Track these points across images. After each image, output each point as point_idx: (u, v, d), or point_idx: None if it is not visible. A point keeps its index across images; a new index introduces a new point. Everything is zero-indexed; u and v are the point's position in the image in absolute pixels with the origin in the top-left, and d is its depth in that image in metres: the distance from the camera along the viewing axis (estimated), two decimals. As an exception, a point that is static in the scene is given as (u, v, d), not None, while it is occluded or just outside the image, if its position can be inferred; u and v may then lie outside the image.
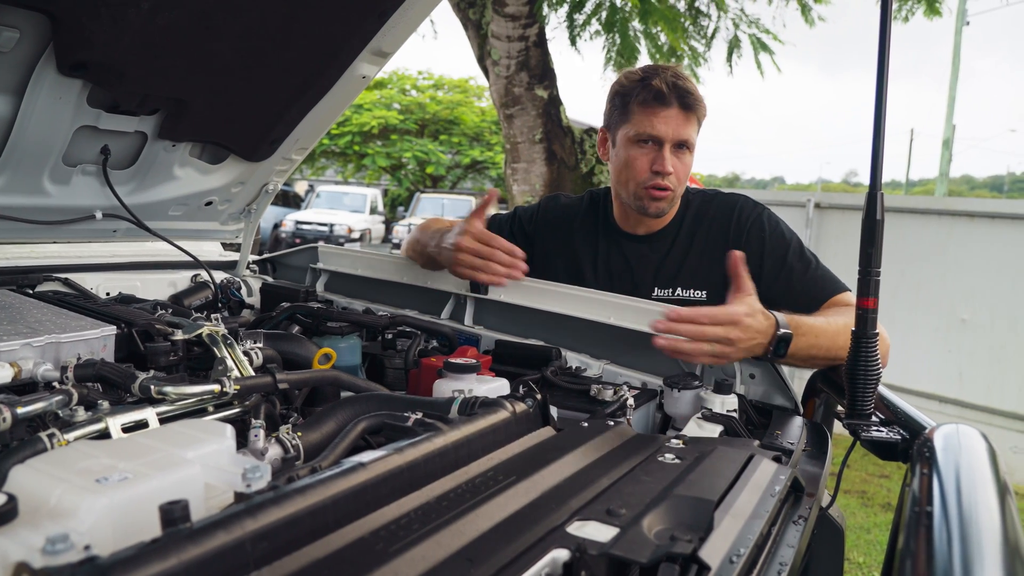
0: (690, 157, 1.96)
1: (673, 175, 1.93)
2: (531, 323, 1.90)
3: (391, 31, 1.83)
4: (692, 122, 1.93)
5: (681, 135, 1.91)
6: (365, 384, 1.39)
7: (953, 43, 20.09)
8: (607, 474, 1.07)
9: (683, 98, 1.90)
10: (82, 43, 1.46)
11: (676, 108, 1.90)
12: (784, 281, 1.87)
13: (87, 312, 1.38)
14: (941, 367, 5.92)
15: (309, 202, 21.40)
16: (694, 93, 1.92)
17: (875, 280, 1.23)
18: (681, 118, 1.91)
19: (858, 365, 1.23)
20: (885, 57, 1.14)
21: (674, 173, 1.93)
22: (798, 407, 1.58)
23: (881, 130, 1.16)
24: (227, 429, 0.92)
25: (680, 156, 1.94)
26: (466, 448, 1.04)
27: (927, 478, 0.87)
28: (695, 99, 1.92)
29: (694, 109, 1.92)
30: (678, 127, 1.91)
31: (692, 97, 1.91)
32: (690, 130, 1.93)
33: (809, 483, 1.25)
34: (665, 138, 1.91)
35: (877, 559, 4.23)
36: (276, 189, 2.22)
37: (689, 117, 1.92)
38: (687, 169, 1.96)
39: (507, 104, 6.69)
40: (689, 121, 1.92)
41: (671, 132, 1.91)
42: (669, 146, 1.92)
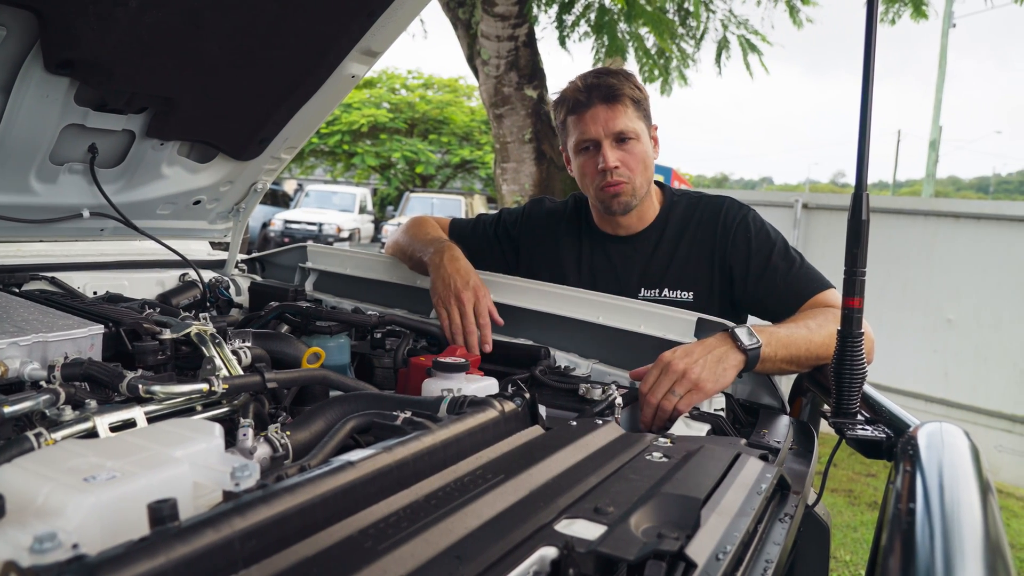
0: (639, 144, 1.92)
1: (622, 167, 1.92)
2: (520, 323, 1.90)
3: (380, 30, 1.83)
4: (621, 111, 1.89)
5: (613, 128, 1.90)
6: (354, 383, 1.39)
7: (940, 45, 20.23)
8: (595, 472, 1.08)
9: (602, 92, 1.89)
10: (69, 41, 1.46)
11: (598, 105, 1.89)
12: (769, 280, 1.88)
13: (74, 311, 1.37)
14: (927, 367, 5.97)
15: (298, 201, 21.32)
16: (613, 84, 1.89)
17: (860, 280, 1.24)
18: (607, 112, 1.89)
19: (844, 364, 1.24)
20: (871, 60, 1.15)
21: (623, 165, 1.92)
22: (785, 406, 1.60)
23: (867, 132, 1.17)
24: (216, 428, 0.92)
25: (625, 147, 1.92)
26: (455, 447, 1.04)
27: (911, 476, 0.88)
28: (615, 88, 1.89)
29: (618, 98, 1.89)
30: (607, 121, 1.89)
31: (611, 88, 1.89)
32: (622, 119, 1.89)
33: (795, 481, 1.26)
34: (598, 136, 1.91)
35: (864, 557, 4.25)
36: (265, 188, 2.21)
37: (615, 107, 1.89)
38: (638, 157, 1.93)
39: (496, 104, 6.70)
40: (616, 111, 1.89)
41: (601, 129, 1.90)
42: (607, 142, 1.91)
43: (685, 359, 1.45)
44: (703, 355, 1.46)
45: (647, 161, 1.96)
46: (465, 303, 1.74)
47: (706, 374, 1.45)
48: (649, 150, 1.97)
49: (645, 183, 1.97)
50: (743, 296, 1.94)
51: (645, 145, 1.95)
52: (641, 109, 1.93)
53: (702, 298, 1.96)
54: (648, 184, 1.99)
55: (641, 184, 1.96)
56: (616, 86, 1.89)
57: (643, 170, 1.95)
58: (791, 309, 1.79)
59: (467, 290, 1.76)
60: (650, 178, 1.99)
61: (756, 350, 1.50)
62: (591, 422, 1.28)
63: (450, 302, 1.75)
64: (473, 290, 1.76)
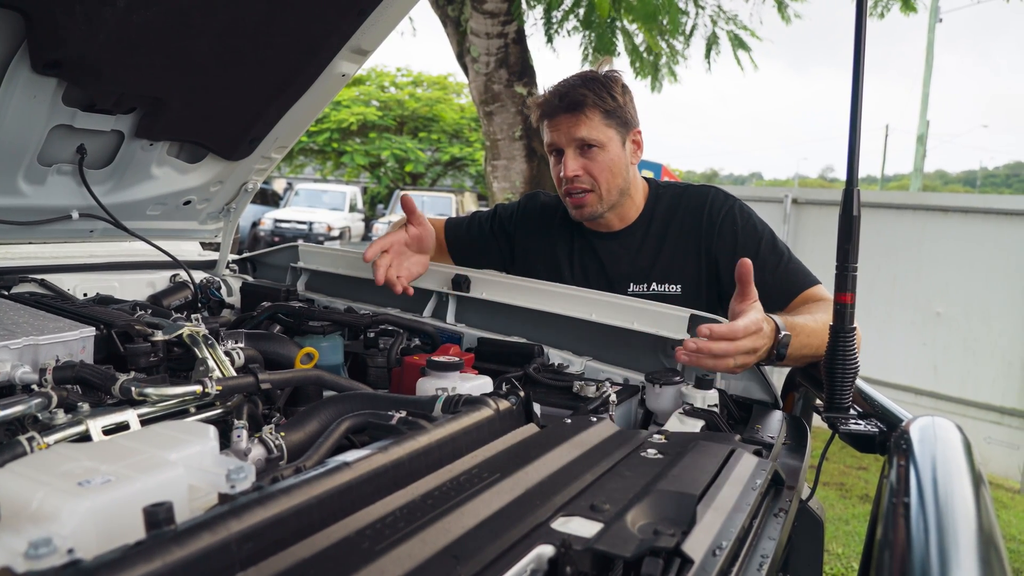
0: (604, 153, 1.91)
1: (584, 175, 1.92)
2: (513, 320, 1.90)
3: (370, 29, 1.82)
4: (584, 120, 1.88)
5: (575, 136, 1.89)
6: (348, 383, 1.38)
7: (926, 40, 20.32)
8: (590, 470, 1.08)
9: (565, 100, 1.89)
10: (56, 41, 1.45)
11: (562, 114, 1.90)
12: (757, 275, 1.86)
13: (65, 313, 1.36)
14: (917, 360, 6.00)
15: (288, 200, 21.23)
16: (579, 93, 1.88)
17: (852, 275, 1.25)
18: (570, 120, 1.89)
19: (836, 359, 1.24)
20: (861, 56, 1.16)
21: (586, 172, 1.92)
22: (777, 401, 1.60)
23: (857, 128, 1.18)
24: (210, 430, 0.92)
25: (588, 155, 1.91)
26: (450, 446, 1.04)
27: (904, 469, 0.89)
28: (578, 98, 1.87)
29: (581, 107, 1.88)
30: (569, 129, 1.89)
31: (576, 97, 1.88)
32: (584, 128, 1.88)
33: (789, 476, 1.27)
34: (561, 144, 1.92)
35: (856, 550, 4.28)
36: (255, 188, 2.20)
37: (577, 116, 1.88)
38: (602, 165, 1.91)
39: (487, 101, 6.68)
40: (579, 120, 1.88)
41: (563, 137, 1.91)
42: (570, 150, 1.91)
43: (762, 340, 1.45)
44: (765, 346, 1.47)
45: (614, 168, 1.94)
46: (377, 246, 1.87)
47: (752, 361, 1.46)
48: (620, 156, 1.94)
49: (614, 189, 1.96)
50: (730, 289, 1.92)
51: (612, 153, 1.93)
52: (613, 117, 1.91)
53: (689, 291, 1.96)
54: (619, 189, 1.97)
55: (609, 191, 1.95)
56: (582, 96, 1.87)
57: (609, 177, 1.94)
58: (781, 305, 1.79)
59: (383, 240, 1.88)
60: (621, 184, 1.97)
61: (776, 360, 1.52)
62: (586, 419, 1.28)
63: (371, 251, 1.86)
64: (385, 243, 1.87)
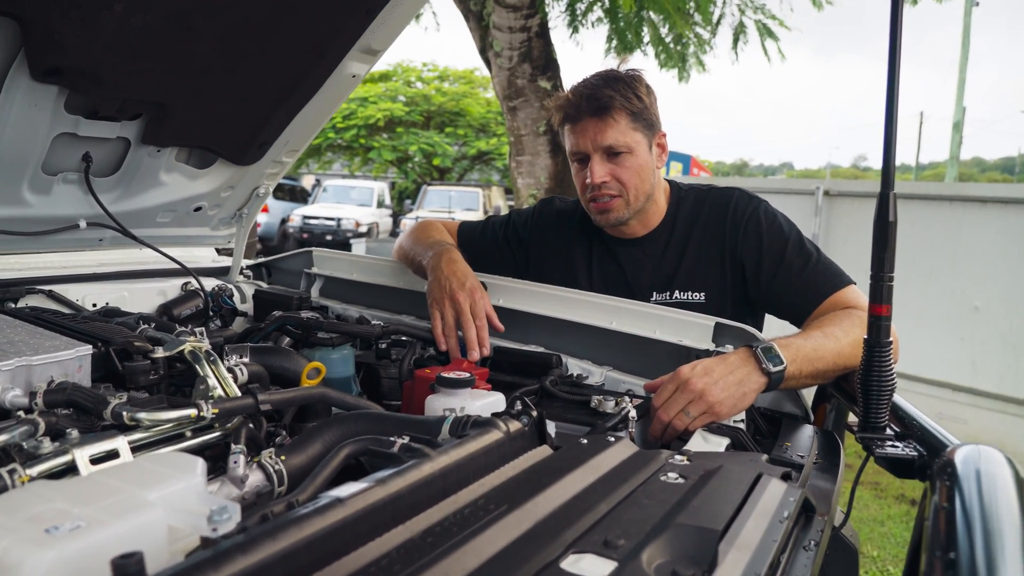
0: (633, 157, 1.83)
1: (611, 182, 1.84)
2: (531, 328, 1.84)
3: (380, 28, 1.76)
4: (612, 124, 1.80)
5: (602, 142, 1.81)
6: (355, 401, 1.33)
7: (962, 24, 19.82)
8: (605, 498, 1.01)
9: (593, 105, 1.81)
10: (54, 48, 1.41)
11: (588, 118, 1.82)
12: (784, 278, 1.78)
13: (64, 330, 1.32)
14: (954, 355, 5.83)
15: (316, 196, 21.34)
16: (605, 95, 1.79)
17: (888, 286, 1.16)
18: (597, 125, 1.81)
19: (871, 376, 1.16)
20: (896, 51, 1.07)
21: (613, 179, 1.84)
22: (808, 414, 1.52)
23: (893, 129, 1.09)
24: (197, 464, 0.86)
25: (615, 160, 1.83)
26: (455, 474, 0.98)
27: (948, 509, 0.80)
28: (605, 102, 1.79)
29: (608, 111, 1.80)
30: (596, 135, 1.81)
31: (602, 101, 1.79)
32: (612, 133, 1.80)
33: (820, 500, 1.19)
34: (587, 150, 1.84)
35: (892, 552, 4.17)
36: (267, 193, 2.16)
37: (605, 120, 1.80)
38: (631, 170, 1.84)
39: (510, 96, 6.61)
40: (607, 124, 1.80)
41: (589, 143, 1.83)
42: (596, 156, 1.83)
43: (704, 378, 1.37)
44: (723, 376, 1.38)
45: (643, 173, 1.86)
46: (461, 303, 1.67)
47: (724, 397, 1.36)
48: (647, 161, 1.87)
49: (641, 195, 1.88)
50: (757, 295, 1.84)
51: (640, 157, 1.85)
52: (640, 119, 1.84)
53: (714, 299, 1.87)
54: (646, 195, 1.89)
55: (636, 197, 1.87)
56: (607, 98, 1.80)
57: (637, 183, 1.86)
58: (809, 308, 1.70)
59: (462, 291, 1.69)
60: (648, 189, 1.89)
61: (780, 372, 1.41)
62: (602, 439, 1.21)
63: (444, 303, 1.69)
64: (469, 291, 1.70)
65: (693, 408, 1.36)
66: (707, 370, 1.39)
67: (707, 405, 1.35)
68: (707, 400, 1.35)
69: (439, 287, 1.73)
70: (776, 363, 1.41)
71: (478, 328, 1.67)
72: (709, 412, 1.36)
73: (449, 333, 1.67)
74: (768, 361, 1.41)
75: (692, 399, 1.36)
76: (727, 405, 1.37)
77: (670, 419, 1.37)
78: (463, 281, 1.71)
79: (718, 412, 1.36)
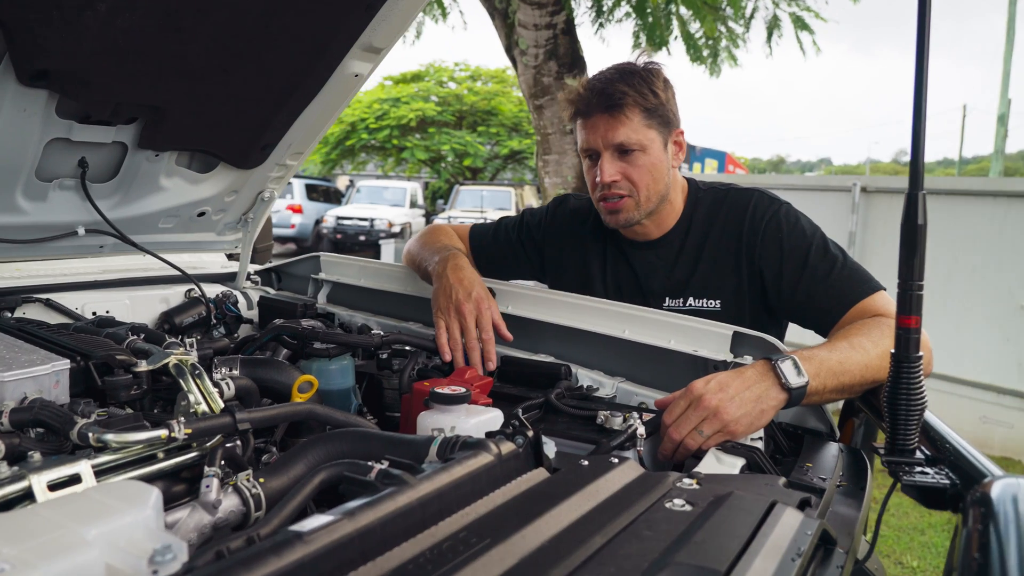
0: (645, 156, 1.74)
1: (622, 180, 1.75)
2: (541, 336, 1.75)
3: (382, 25, 1.70)
4: (623, 121, 1.72)
5: (612, 139, 1.73)
6: (345, 417, 1.26)
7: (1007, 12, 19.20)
8: (602, 529, 0.93)
9: (604, 100, 1.72)
10: (39, 50, 1.36)
11: (599, 114, 1.74)
12: (807, 285, 1.66)
13: (45, 343, 1.27)
14: (998, 356, 5.61)
15: (349, 197, 21.48)
16: (617, 91, 1.71)
17: (917, 295, 1.06)
18: (608, 122, 1.73)
19: (899, 395, 1.05)
20: (925, 42, 0.97)
21: (624, 177, 1.75)
22: (833, 431, 1.41)
23: (921, 128, 0.99)
24: (151, 496, 0.80)
25: (627, 159, 1.75)
26: (436, 504, 0.90)
27: (981, 552, 0.71)
28: (617, 98, 1.71)
29: (620, 108, 1.71)
30: (607, 132, 1.73)
31: (614, 97, 1.71)
32: (623, 131, 1.72)
33: (842, 529, 1.09)
34: (598, 147, 1.75)
35: (932, 563, 4.01)
36: (273, 197, 2.10)
37: (617, 117, 1.72)
38: (642, 170, 1.75)
39: (536, 94, 6.52)
40: (618, 121, 1.72)
41: (600, 140, 1.74)
42: (607, 153, 1.75)
43: (719, 395, 1.27)
44: (740, 391, 1.28)
45: (656, 172, 1.77)
46: (466, 315, 1.59)
47: (741, 414, 1.26)
48: (661, 159, 1.77)
49: (653, 196, 1.78)
50: (778, 303, 1.73)
51: (653, 156, 1.76)
52: (654, 116, 1.75)
53: (730, 307, 1.77)
54: (659, 195, 1.80)
55: (648, 197, 1.78)
56: (620, 95, 1.71)
57: (650, 182, 1.76)
58: (834, 317, 1.59)
59: (469, 301, 1.61)
60: (661, 189, 1.79)
61: (802, 388, 1.31)
62: (605, 461, 1.13)
63: (449, 313, 1.61)
64: (475, 301, 1.62)
65: (707, 427, 1.26)
66: (722, 385, 1.29)
67: (722, 423, 1.26)
68: (722, 418, 1.26)
69: (444, 296, 1.65)
70: (797, 378, 1.31)
71: (484, 342, 1.60)
72: (724, 431, 1.26)
73: (455, 346, 1.59)
74: (789, 376, 1.30)
75: (706, 417, 1.26)
76: (743, 423, 1.27)
77: (682, 438, 1.27)
78: (469, 291, 1.63)
79: (733, 431, 1.27)
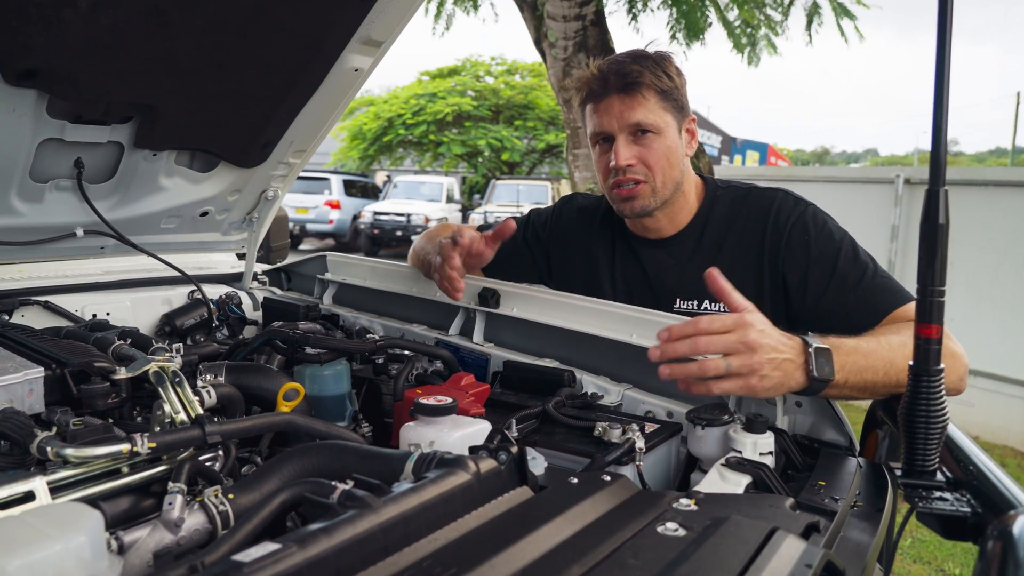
0: (661, 139, 1.67)
1: (637, 164, 1.67)
2: (547, 340, 1.68)
3: (380, 17, 1.64)
4: (641, 101, 1.65)
5: (628, 120, 1.65)
6: (326, 428, 1.20)
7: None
8: (581, 558, 0.85)
9: (619, 81, 1.65)
10: (22, 49, 1.33)
11: (615, 94, 1.66)
12: (835, 293, 1.56)
13: (22, 350, 1.24)
14: (1049, 355, 5.36)
15: (387, 193, 21.62)
16: (632, 71, 1.64)
17: (938, 301, 0.96)
18: (625, 102, 1.65)
19: (917, 411, 0.96)
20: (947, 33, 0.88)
21: (639, 162, 1.67)
22: (853, 445, 1.31)
23: (943, 118, 0.89)
24: (89, 520, 0.75)
25: (642, 142, 1.67)
26: (401, 529, 0.84)
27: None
28: (634, 77, 1.64)
29: (637, 87, 1.64)
30: (622, 113, 1.65)
31: (629, 76, 1.64)
32: (640, 111, 1.65)
33: (854, 556, 1.00)
34: (612, 130, 1.67)
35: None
36: (278, 196, 2.06)
37: (634, 97, 1.65)
38: (658, 154, 1.67)
39: (566, 87, 6.40)
40: (635, 101, 1.65)
41: (615, 121, 1.66)
42: (622, 136, 1.66)
43: (763, 338, 1.16)
44: (778, 351, 1.17)
45: (672, 157, 1.69)
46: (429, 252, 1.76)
47: (770, 371, 1.16)
48: (676, 144, 1.70)
49: (669, 182, 1.70)
50: (802, 311, 1.63)
51: (669, 140, 1.68)
52: (669, 99, 1.67)
53: None
54: (675, 183, 1.71)
55: (663, 183, 1.69)
56: (636, 73, 1.64)
57: (666, 167, 1.68)
58: (863, 329, 1.47)
59: (430, 243, 1.77)
60: (677, 176, 1.71)
61: (825, 383, 1.21)
62: (596, 478, 1.05)
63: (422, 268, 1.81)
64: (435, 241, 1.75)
65: (736, 361, 1.15)
66: (767, 331, 1.18)
67: (750, 367, 1.15)
68: (753, 361, 1.15)
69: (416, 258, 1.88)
70: (825, 371, 1.21)
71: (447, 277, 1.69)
72: (746, 380, 1.16)
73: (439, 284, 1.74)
74: (819, 368, 1.21)
75: (741, 349, 1.15)
76: (768, 383, 1.17)
77: (705, 352, 1.16)
78: (433, 236, 1.78)
79: (754, 387, 1.16)
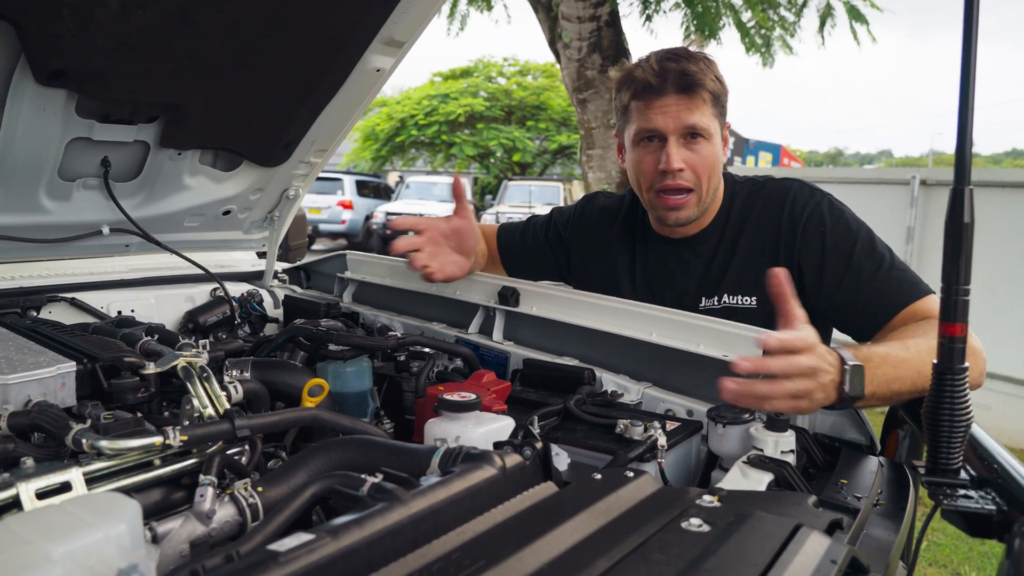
0: (710, 146, 1.65)
1: (687, 170, 1.64)
2: (567, 338, 1.69)
3: (403, 18, 1.66)
4: (699, 104, 1.62)
5: (685, 122, 1.62)
6: (352, 424, 1.22)
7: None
8: (607, 552, 0.86)
9: (679, 79, 1.61)
10: (54, 50, 1.35)
11: (672, 94, 1.62)
12: (851, 285, 1.55)
13: (55, 344, 1.26)
14: (1069, 358, 5.31)
15: (399, 193, 21.66)
16: (693, 70, 1.61)
17: (963, 300, 0.96)
18: (682, 103, 1.61)
19: (941, 409, 0.97)
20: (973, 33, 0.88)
21: (688, 167, 1.64)
22: (874, 444, 1.32)
23: (968, 116, 0.90)
24: (128, 510, 0.77)
25: (693, 146, 1.64)
26: (430, 522, 0.85)
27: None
28: (696, 78, 1.61)
29: (696, 89, 1.61)
30: (679, 114, 1.61)
31: (690, 76, 1.61)
32: (697, 114, 1.62)
33: (878, 553, 1.01)
34: (666, 130, 1.63)
35: (991, 574, 3.82)
36: (298, 195, 2.08)
37: (693, 99, 1.61)
38: (707, 160, 1.65)
39: (580, 88, 6.42)
40: (694, 103, 1.61)
41: (671, 122, 1.62)
42: (674, 138, 1.63)
43: (822, 361, 1.14)
44: (827, 372, 1.15)
45: (716, 166, 1.67)
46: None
47: (818, 394, 1.14)
48: (719, 152, 1.68)
49: (711, 191, 1.69)
50: (817, 303, 1.60)
51: (716, 146, 1.66)
52: (719, 105, 1.66)
53: (765, 304, 1.63)
54: (715, 191, 1.70)
55: (707, 192, 1.68)
56: (696, 74, 1.61)
57: (711, 175, 1.67)
58: (880, 321, 1.48)
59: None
60: (716, 184, 1.70)
61: (853, 401, 1.20)
62: (620, 475, 1.06)
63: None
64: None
65: (801, 384, 1.12)
66: (823, 354, 1.16)
67: (807, 391, 1.13)
68: (811, 386, 1.13)
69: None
70: (857, 390, 1.18)
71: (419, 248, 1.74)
72: (799, 399, 1.13)
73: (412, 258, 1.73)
74: (851, 387, 1.17)
75: (808, 373, 1.13)
76: (814, 405, 1.15)
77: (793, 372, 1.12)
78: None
79: (802, 407, 1.14)
